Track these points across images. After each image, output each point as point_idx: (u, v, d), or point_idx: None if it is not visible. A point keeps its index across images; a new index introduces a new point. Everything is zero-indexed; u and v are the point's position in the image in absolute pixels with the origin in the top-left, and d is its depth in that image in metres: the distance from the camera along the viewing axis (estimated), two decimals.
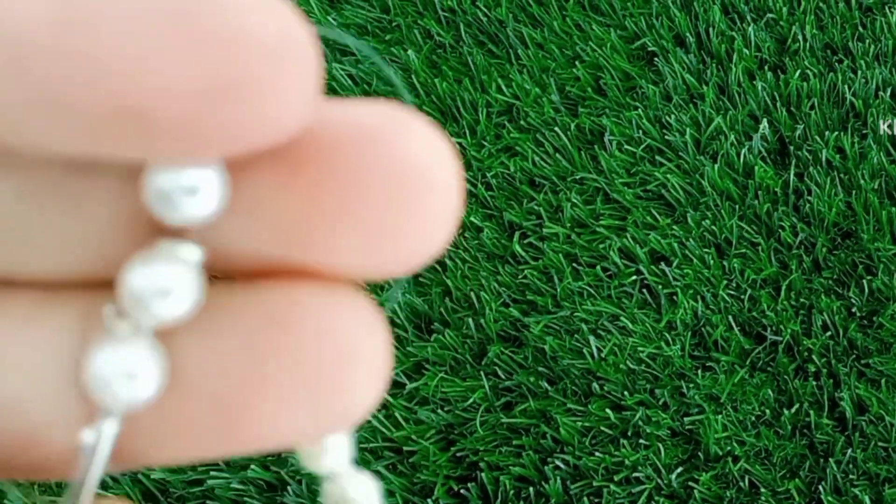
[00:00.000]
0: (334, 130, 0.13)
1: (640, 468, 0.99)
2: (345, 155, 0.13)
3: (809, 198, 1.10)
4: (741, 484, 0.99)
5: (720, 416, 1.01)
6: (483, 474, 0.99)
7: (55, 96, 0.12)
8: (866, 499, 0.97)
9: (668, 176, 1.12)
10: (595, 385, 1.02)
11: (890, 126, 1.14)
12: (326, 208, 0.13)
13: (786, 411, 1.01)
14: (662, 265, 1.07)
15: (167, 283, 0.13)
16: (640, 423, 1.00)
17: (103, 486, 0.14)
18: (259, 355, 0.14)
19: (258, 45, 0.12)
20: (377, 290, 0.99)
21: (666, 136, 1.14)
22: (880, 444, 1.00)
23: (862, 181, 1.11)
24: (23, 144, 0.13)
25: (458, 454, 1.00)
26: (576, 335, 1.04)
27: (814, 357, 1.03)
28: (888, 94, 1.16)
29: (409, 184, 0.13)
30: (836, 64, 1.18)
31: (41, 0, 0.12)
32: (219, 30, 0.12)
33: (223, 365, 0.14)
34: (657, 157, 1.13)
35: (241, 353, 0.14)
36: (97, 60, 0.12)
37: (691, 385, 1.02)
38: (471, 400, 1.02)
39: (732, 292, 1.06)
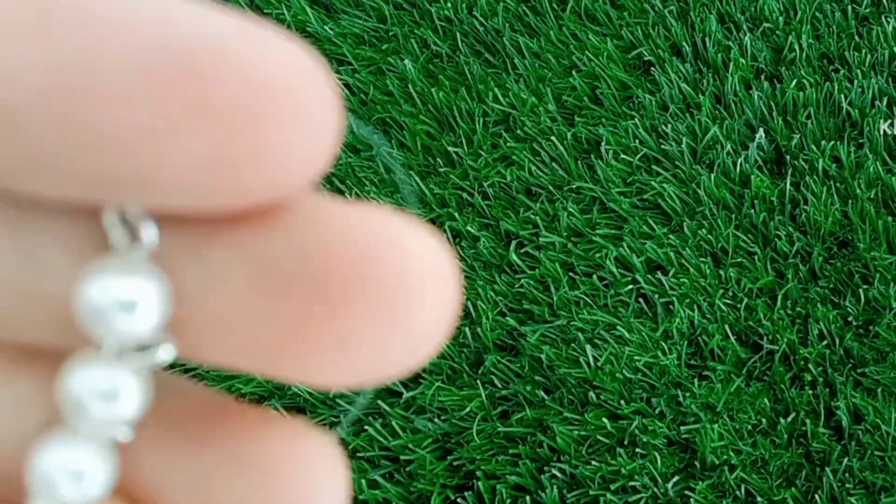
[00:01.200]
0: (326, 249, 0.12)
1: (636, 477, 0.99)
2: (335, 280, 0.12)
3: (806, 207, 1.11)
4: (737, 493, 0.99)
5: (716, 425, 1.01)
6: (480, 483, 0.99)
7: (51, 159, 0.11)
8: None
9: (665, 185, 1.12)
10: (591, 394, 1.02)
11: (890, 126, 1.14)
12: (310, 337, 0.12)
13: (782, 420, 1.01)
14: (659, 274, 1.07)
15: (111, 386, 0.12)
16: (637, 431, 1.00)
17: None
18: (215, 492, 0.13)
19: (274, 108, 0.11)
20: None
21: (662, 146, 1.15)
22: (877, 452, 1.00)
23: (858, 190, 1.11)
24: (13, 189, 0.12)
25: (455, 463, 1.00)
26: (572, 344, 1.04)
27: (810, 366, 1.03)
28: (884, 103, 1.16)
29: (402, 304, 0.12)
30: (833, 73, 1.19)
31: (33, 67, 0.11)
32: (230, 93, 0.11)
33: (175, 483, 0.13)
34: (653, 167, 1.14)
35: (197, 479, 0.13)
36: (94, 129, 0.11)
37: (688, 394, 1.02)
38: (467, 409, 1.02)
39: (729, 301, 1.07)
